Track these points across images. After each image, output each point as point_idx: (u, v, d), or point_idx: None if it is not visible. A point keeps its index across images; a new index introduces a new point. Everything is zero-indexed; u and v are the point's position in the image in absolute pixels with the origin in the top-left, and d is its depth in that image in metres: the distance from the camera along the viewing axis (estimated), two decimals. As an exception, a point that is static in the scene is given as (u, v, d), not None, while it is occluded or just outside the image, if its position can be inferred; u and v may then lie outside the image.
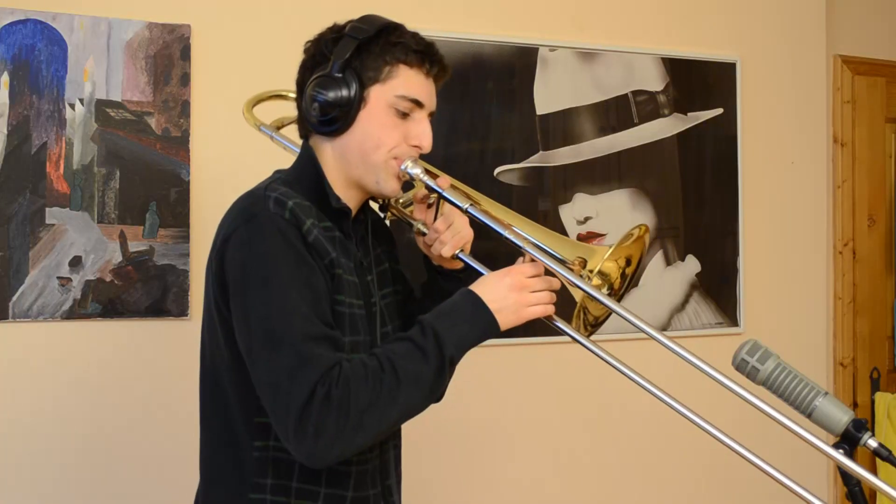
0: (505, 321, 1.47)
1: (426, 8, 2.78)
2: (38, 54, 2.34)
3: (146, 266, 2.41)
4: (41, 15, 2.34)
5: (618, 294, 1.57)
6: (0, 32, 2.31)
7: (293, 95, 1.63)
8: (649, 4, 3.11)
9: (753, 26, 3.27)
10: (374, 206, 1.69)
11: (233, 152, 2.51)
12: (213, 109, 2.50)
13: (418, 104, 1.53)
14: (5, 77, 2.31)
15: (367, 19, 1.56)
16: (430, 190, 1.57)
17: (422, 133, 1.54)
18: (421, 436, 1.75)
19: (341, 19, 2.50)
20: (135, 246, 2.41)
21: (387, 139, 1.52)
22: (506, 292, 1.47)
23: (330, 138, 1.54)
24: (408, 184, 1.58)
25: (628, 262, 1.57)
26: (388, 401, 1.38)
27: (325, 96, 1.50)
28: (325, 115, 1.51)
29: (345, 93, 1.50)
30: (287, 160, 2.00)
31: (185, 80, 2.47)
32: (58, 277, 2.33)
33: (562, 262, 1.53)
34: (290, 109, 1.71)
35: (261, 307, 1.40)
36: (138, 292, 2.41)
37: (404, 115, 1.53)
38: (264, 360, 1.39)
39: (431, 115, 1.58)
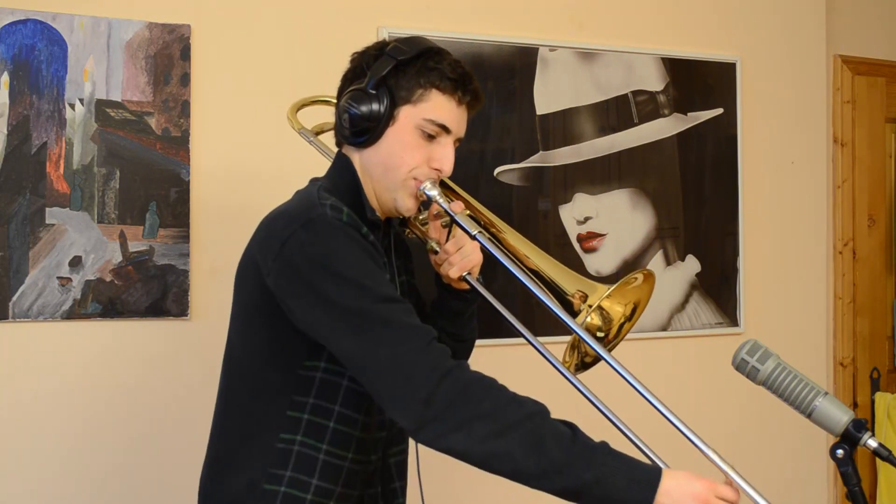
0: None
1: (426, 8, 2.78)
2: (38, 54, 2.34)
3: (146, 266, 2.41)
4: (41, 15, 2.34)
5: (610, 342, 1.60)
6: (0, 32, 2.31)
7: (335, 100, 1.68)
8: (649, 4, 3.11)
9: (753, 26, 3.27)
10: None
11: (233, 152, 2.52)
12: (213, 109, 2.50)
13: (445, 129, 1.58)
14: (5, 77, 2.31)
15: (410, 41, 1.61)
16: (444, 212, 1.61)
17: (444, 157, 1.59)
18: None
19: (341, 20, 2.50)
20: (135, 246, 2.41)
21: (409, 159, 1.57)
22: (687, 496, 1.35)
23: (358, 150, 1.60)
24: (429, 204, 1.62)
25: (633, 311, 1.60)
26: (502, 427, 1.36)
27: (357, 109, 1.56)
28: (354, 127, 1.57)
29: (375, 108, 1.55)
30: (288, 160, 2.01)
31: (185, 80, 2.47)
32: (58, 277, 2.33)
33: (562, 293, 1.57)
34: (331, 116, 1.73)
35: (345, 297, 1.43)
36: (138, 292, 2.41)
37: (430, 138, 1.58)
38: (373, 341, 1.41)
39: (458, 141, 1.63)
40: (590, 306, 1.55)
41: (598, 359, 1.62)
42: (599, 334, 1.58)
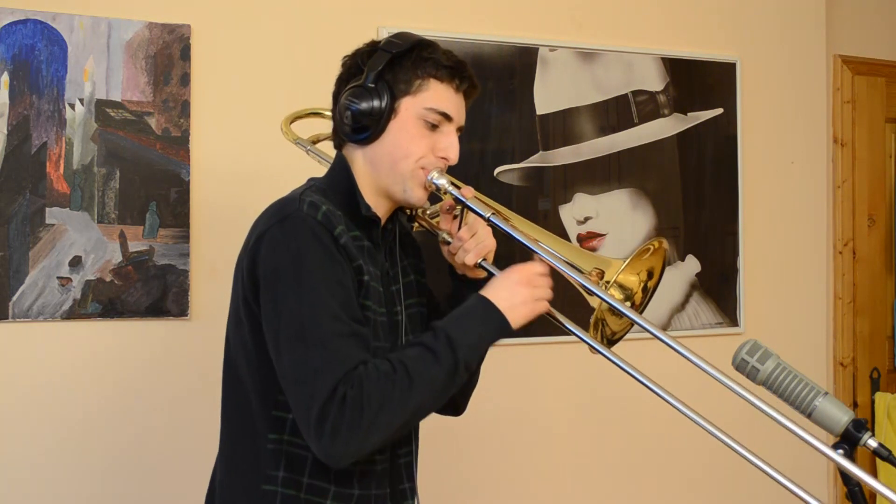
0: (517, 318, 1.52)
1: (427, 8, 2.78)
2: (38, 54, 2.34)
3: (146, 266, 2.41)
4: (41, 15, 2.34)
5: (639, 308, 1.61)
6: (0, 32, 2.31)
7: (328, 113, 1.69)
8: (649, 4, 3.11)
9: (753, 26, 3.27)
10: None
11: (233, 152, 2.52)
12: (213, 109, 2.50)
13: (447, 117, 1.60)
14: (5, 77, 2.31)
15: (401, 35, 1.62)
16: (455, 200, 1.62)
17: (449, 145, 1.60)
18: (428, 435, 1.76)
19: (340, 20, 2.50)
20: (135, 246, 2.41)
21: (415, 149, 1.58)
22: (515, 288, 1.52)
23: (361, 146, 1.61)
24: (435, 196, 1.63)
25: (650, 275, 1.62)
26: (400, 401, 1.43)
27: (358, 105, 1.57)
28: (357, 124, 1.58)
29: (376, 103, 1.57)
30: (288, 160, 2.01)
31: (185, 80, 2.47)
32: (58, 277, 2.33)
33: (579, 272, 1.58)
34: (326, 126, 1.74)
35: (292, 304, 1.45)
36: (138, 292, 2.41)
37: (433, 128, 1.59)
38: (292, 356, 1.44)
39: (460, 129, 1.64)
40: (607, 282, 1.56)
41: (619, 336, 1.64)
42: (627, 303, 1.59)
